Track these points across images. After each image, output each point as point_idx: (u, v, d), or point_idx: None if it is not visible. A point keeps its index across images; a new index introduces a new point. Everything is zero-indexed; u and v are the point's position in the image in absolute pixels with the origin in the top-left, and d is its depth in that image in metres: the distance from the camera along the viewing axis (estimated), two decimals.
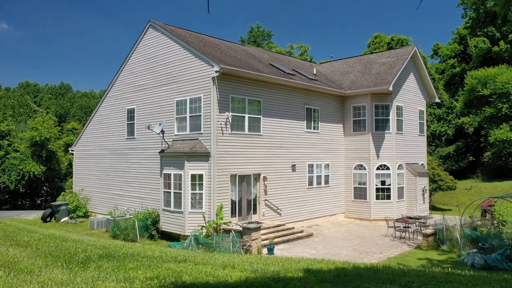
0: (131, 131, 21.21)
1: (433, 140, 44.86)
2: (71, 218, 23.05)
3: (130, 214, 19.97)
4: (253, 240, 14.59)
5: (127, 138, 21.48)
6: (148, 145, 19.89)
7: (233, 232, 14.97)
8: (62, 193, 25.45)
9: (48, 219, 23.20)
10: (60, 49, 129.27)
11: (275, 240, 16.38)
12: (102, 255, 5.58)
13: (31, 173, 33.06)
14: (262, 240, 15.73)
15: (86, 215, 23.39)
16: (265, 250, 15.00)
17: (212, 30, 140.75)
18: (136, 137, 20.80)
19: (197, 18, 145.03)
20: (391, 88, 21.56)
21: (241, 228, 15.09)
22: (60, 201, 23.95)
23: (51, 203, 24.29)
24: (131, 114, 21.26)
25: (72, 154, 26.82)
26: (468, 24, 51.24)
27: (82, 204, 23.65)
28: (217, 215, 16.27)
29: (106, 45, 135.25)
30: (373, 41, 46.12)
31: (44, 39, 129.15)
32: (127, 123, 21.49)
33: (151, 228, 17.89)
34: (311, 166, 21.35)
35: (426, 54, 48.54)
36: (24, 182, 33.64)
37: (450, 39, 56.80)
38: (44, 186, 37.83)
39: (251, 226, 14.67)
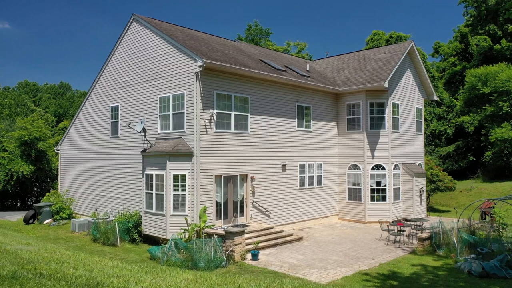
0: (115, 129, 20.35)
1: (433, 139, 43.90)
2: (54, 220, 22.21)
3: (113, 216, 19.13)
4: (236, 245, 13.72)
5: (110, 137, 20.63)
6: (131, 144, 19.03)
7: (215, 236, 14.09)
8: (47, 193, 24.59)
9: (30, 221, 22.36)
10: (59, 49, 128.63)
11: (262, 244, 15.48)
12: (3, 277, 4.72)
13: (19, 173, 32.21)
14: (247, 245, 14.86)
15: (70, 217, 22.54)
16: (249, 256, 14.11)
17: (210, 29, 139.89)
18: (120, 136, 19.94)
19: (196, 16, 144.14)
20: (386, 85, 20.65)
21: (224, 232, 14.21)
22: (44, 202, 23.12)
23: (34, 204, 23.47)
24: (115, 112, 20.41)
25: (59, 153, 25.98)
26: (469, 22, 50.25)
27: (66, 206, 22.80)
28: (200, 217, 15.40)
29: (106, 44, 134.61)
30: (372, 39, 45.16)
31: (44, 39, 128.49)
32: (111, 122, 20.63)
33: (133, 231, 17.05)
34: (302, 166, 20.46)
35: (426, 53, 47.61)
36: (12, 183, 32.78)
37: (451, 37, 55.81)
38: (34, 187, 37.01)
39: (233, 230, 13.80)
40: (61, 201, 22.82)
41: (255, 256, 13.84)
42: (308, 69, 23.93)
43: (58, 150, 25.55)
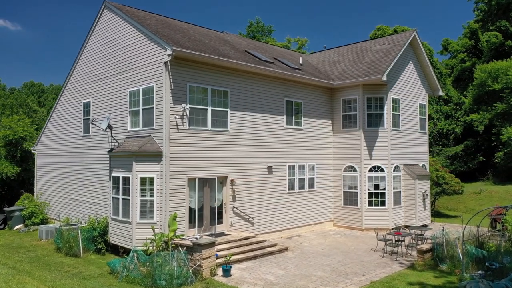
0: (87, 127, 18.66)
1: (440, 139, 41.63)
2: (26, 225, 20.60)
3: (85, 222, 17.43)
4: (204, 258, 11.90)
5: (83, 136, 18.95)
6: (103, 143, 17.32)
7: (182, 248, 12.29)
8: (21, 197, 23.00)
9: (0, 227, 20.78)
10: (64, 49, 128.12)
11: (239, 256, 13.65)
12: None
13: (3, 174, 30.74)
14: (222, 257, 13.04)
15: (43, 222, 20.92)
16: (221, 271, 12.28)
17: (210, 27, 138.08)
18: (92, 134, 18.25)
19: (197, 14, 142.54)
20: (385, 78, 18.69)
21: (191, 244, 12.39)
22: (17, 206, 21.52)
23: (4, 208, 21.90)
24: (87, 108, 18.73)
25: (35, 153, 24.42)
26: (480, 18, 47.94)
27: (40, 210, 21.15)
28: (169, 226, 13.62)
29: None
30: (376, 34, 43.09)
31: (49, 39, 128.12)
32: (83, 119, 18.95)
33: (99, 240, 15.29)
34: (292, 167, 18.57)
35: (435, 50, 45.42)
36: None
37: (460, 34, 53.38)
38: (21, 188, 35.58)
39: (201, 241, 11.97)
40: (33, 205, 21.17)
41: (226, 272, 12.00)
42: (301, 62, 22.05)
43: (35, 150, 24.00)
